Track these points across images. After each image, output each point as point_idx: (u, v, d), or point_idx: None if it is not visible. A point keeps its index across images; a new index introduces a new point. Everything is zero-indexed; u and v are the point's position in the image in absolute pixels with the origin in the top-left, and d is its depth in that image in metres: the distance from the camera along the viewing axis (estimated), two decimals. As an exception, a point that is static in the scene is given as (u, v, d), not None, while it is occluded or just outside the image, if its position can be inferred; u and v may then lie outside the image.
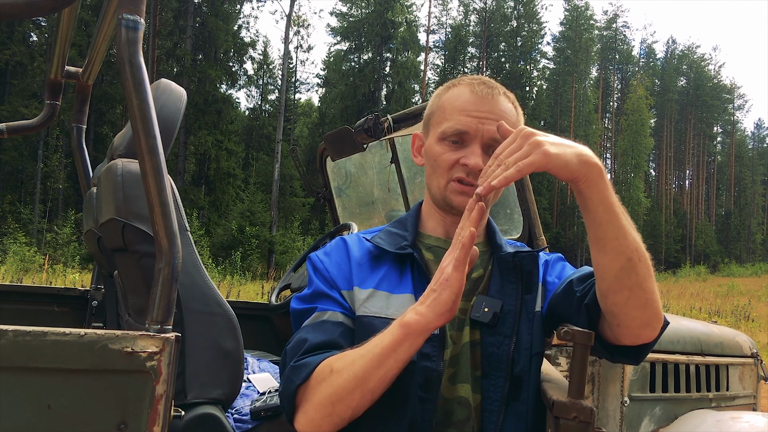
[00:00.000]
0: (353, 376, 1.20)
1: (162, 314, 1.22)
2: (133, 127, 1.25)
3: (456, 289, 1.16)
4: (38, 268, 19.97)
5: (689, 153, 71.94)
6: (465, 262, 1.17)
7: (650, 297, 1.26)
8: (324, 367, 1.25)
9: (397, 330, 1.19)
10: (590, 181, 1.20)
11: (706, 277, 46.43)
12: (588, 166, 1.19)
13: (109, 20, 1.68)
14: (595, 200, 1.21)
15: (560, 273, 1.53)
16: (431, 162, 1.46)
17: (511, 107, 1.45)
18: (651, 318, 1.29)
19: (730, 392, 2.69)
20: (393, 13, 41.85)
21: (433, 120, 1.49)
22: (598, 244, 1.24)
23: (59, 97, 2.71)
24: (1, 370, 1.07)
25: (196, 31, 34.41)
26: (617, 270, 1.22)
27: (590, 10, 60.23)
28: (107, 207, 1.84)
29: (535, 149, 1.16)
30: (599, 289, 1.28)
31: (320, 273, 1.46)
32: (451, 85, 1.50)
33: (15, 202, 27.75)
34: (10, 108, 26.58)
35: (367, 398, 1.22)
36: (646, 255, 1.25)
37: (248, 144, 45.23)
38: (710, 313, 18.99)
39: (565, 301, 1.39)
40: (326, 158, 3.47)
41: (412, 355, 1.21)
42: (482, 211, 1.20)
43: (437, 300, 1.17)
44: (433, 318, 1.17)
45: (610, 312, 1.28)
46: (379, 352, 1.19)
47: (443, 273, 1.18)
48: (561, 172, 1.18)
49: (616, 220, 1.22)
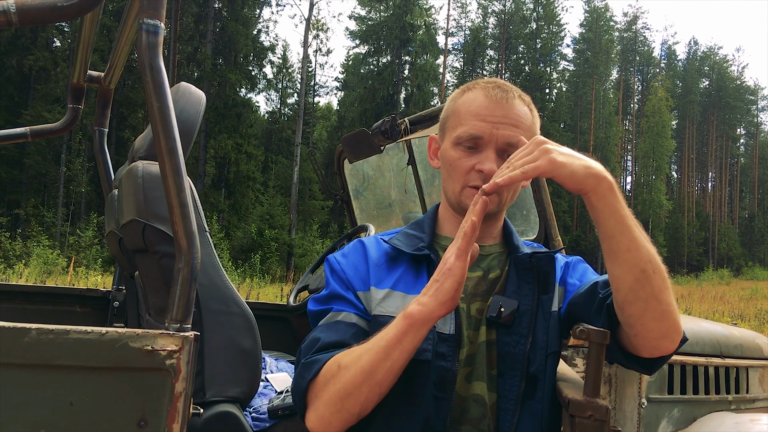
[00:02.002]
0: (360, 370, 1.22)
1: (181, 313, 1.24)
2: (153, 130, 1.27)
3: (458, 277, 1.18)
4: (61, 270, 20.19)
5: (712, 155, 71.05)
6: (467, 251, 1.19)
7: (667, 308, 1.26)
8: (332, 363, 1.27)
9: (401, 321, 1.21)
10: (599, 194, 1.21)
11: (730, 280, 45.82)
12: (596, 178, 1.21)
13: (131, 25, 1.71)
14: (606, 213, 1.22)
15: (582, 275, 1.53)
16: (447, 166, 1.48)
17: (526, 110, 1.45)
18: (668, 330, 1.29)
19: (750, 395, 2.66)
20: (412, 16, 41.84)
21: (448, 124, 1.50)
22: (612, 256, 1.25)
23: (82, 101, 2.75)
24: (24, 368, 1.09)
25: (217, 35, 34.65)
26: (631, 282, 1.23)
27: (610, 11, 59.84)
28: (128, 208, 1.87)
29: (543, 155, 1.20)
30: (616, 301, 1.29)
31: (337, 274, 1.48)
32: (466, 89, 1.50)
33: (38, 205, 28.07)
34: (33, 112, 26.92)
35: (375, 392, 1.23)
36: (661, 267, 1.26)
37: (267, 147, 45.41)
38: (733, 316, 18.74)
39: (587, 301, 1.39)
40: (344, 160, 3.49)
41: (417, 345, 1.22)
42: (486, 205, 1.23)
43: (440, 289, 1.19)
44: (435, 307, 1.19)
45: (627, 323, 1.29)
46: (385, 344, 1.21)
47: (446, 263, 1.20)
48: (566, 182, 1.20)
49: (628, 233, 1.23)
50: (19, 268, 18.89)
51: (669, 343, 1.31)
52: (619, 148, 58.76)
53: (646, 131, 56.99)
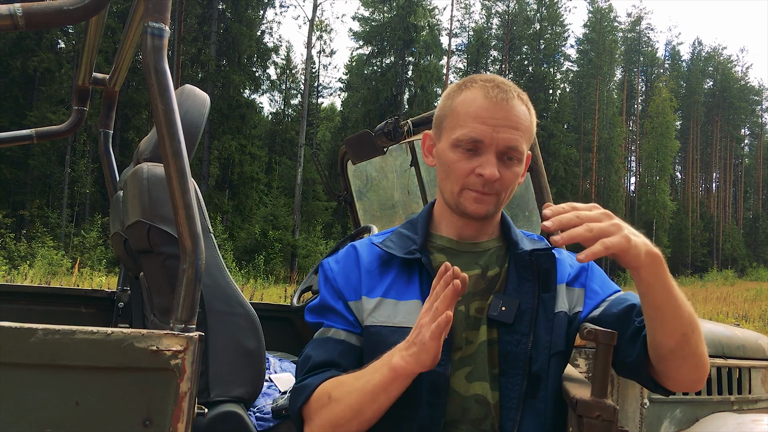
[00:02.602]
0: (349, 407, 1.29)
1: (186, 314, 1.25)
2: (158, 132, 1.29)
3: (433, 354, 1.22)
4: (65, 271, 20.23)
5: (716, 155, 70.85)
6: (441, 336, 1.21)
7: (701, 360, 1.31)
8: (322, 393, 1.34)
9: (387, 371, 1.26)
10: (652, 271, 1.22)
11: (734, 281, 45.64)
12: (653, 257, 1.21)
13: (135, 28, 1.73)
14: (656, 287, 1.23)
15: (602, 283, 1.53)
16: (444, 167, 1.45)
17: (524, 110, 1.43)
18: (701, 376, 1.34)
19: (752, 395, 2.67)
20: (415, 17, 41.84)
21: (445, 123, 1.47)
22: (656, 324, 1.27)
23: (87, 102, 2.77)
24: (31, 368, 1.10)
25: (220, 36, 34.71)
26: (673, 345, 1.26)
27: (614, 12, 59.75)
28: (133, 209, 1.88)
29: (619, 232, 1.18)
30: (653, 356, 1.32)
31: (329, 283, 1.50)
32: (463, 87, 1.46)
33: (43, 206, 28.12)
34: (38, 114, 26.98)
35: (364, 426, 1.32)
36: (698, 324, 1.29)
37: (271, 148, 45.46)
38: (737, 317, 18.69)
39: (619, 324, 1.38)
40: (347, 162, 3.49)
41: (401, 391, 1.28)
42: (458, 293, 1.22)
43: (417, 356, 1.22)
44: (417, 367, 1.24)
45: (662, 372, 1.33)
46: (371, 389, 1.27)
47: (420, 332, 1.22)
48: (632, 261, 1.20)
49: (674, 302, 1.24)
50: (24, 269, 18.94)
51: (699, 385, 1.38)
52: (622, 149, 58.61)
53: (649, 132, 56.85)
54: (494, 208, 1.44)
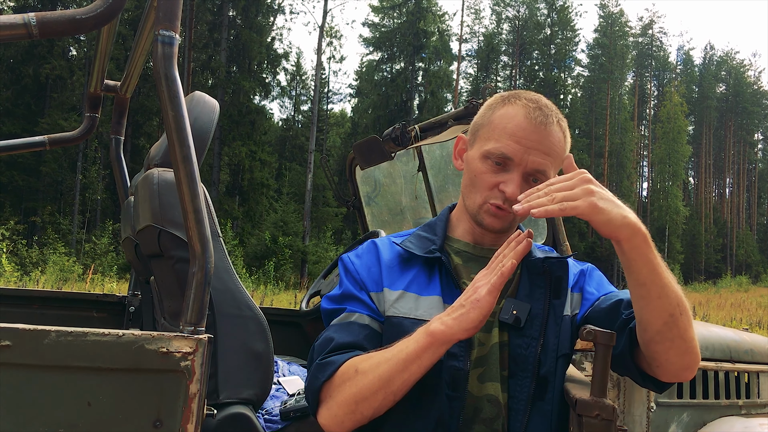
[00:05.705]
0: (378, 378, 1.26)
1: (195, 316, 1.26)
2: (168, 138, 1.31)
3: (485, 311, 1.22)
4: (77, 277, 20.34)
5: (729, 160, 70.35)
6: (500, 288, 1.23)
7: (690, 345, 1.30)
8: (349, 366, 1.31)
9: (423, 338, 1.25)
10: (633, 245, 1.22)
11: (748, 287, 45.20)
12: (631, 228, 1.21)
13: (146, 36, 1.76)
14: (639, 262, 1.23)
15: (599, 285, 1.55)
16: (471, 175, 1.48)
17: (560, 137, 1.45)
18: (690, 362, 1.33)
19: (760, 399, 2.66)
20: (425, 22, 41.86)
21: (481, 132, 1.49)
22: (641, 302, 1.27)
23: (98, 109, 2.80)
24: (43, 369, 1.12)
25: (231, 43, 34.88)
26: (660, 325, 1.26)
27: (625, 16, 59.52)
28: (144, 214, 1.90)
29: (585, 196, 1.20)
30: (641, 338, 1.32)
31: (351, 274, 1.51)
32: (507, 101, 1.48)
33: (55, 213, 28.28)
34: (50, 121, 27.20)
35: (389, 399, 1.28)
36: (687, 307, 1.29)
37: (281, 154, 45.59)
38: (751, 324, 18.54)
39: (608, 318, 1.41)
40: (355, 167, 3.52)
41: (434, 361, 1.26)
42: (528, 247, 1.26)
43: (465, 316, 1.23)
44: (458, 331, 1.23)
45: (651, 357, 1.33)
46: (404, 357, 1.25)
47: (476, 292, 1.24)
48: (602, 228, 1.21)
49: (659, 280, 1.24)
50: (36, 275, 19.05)
51: (689, 373, 1.37)
52: (634, 154, 58.34)
53: (661, 137, 56.54)
54: (509, 225, 1.48)
